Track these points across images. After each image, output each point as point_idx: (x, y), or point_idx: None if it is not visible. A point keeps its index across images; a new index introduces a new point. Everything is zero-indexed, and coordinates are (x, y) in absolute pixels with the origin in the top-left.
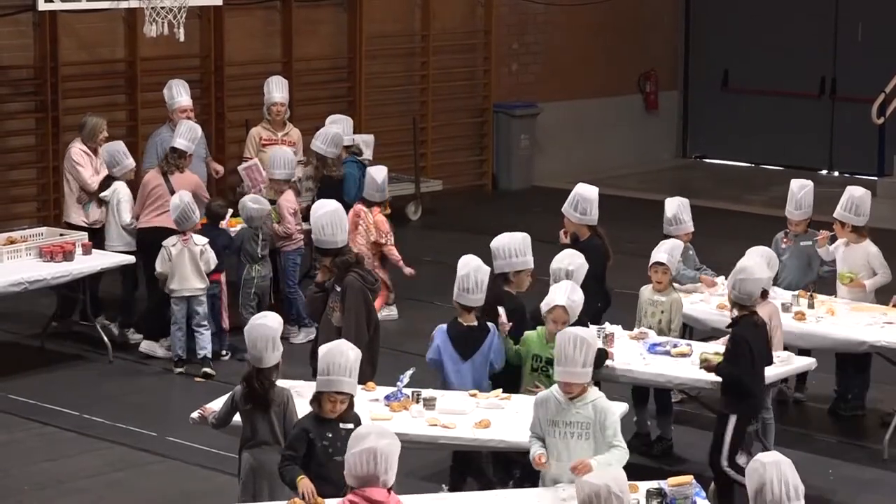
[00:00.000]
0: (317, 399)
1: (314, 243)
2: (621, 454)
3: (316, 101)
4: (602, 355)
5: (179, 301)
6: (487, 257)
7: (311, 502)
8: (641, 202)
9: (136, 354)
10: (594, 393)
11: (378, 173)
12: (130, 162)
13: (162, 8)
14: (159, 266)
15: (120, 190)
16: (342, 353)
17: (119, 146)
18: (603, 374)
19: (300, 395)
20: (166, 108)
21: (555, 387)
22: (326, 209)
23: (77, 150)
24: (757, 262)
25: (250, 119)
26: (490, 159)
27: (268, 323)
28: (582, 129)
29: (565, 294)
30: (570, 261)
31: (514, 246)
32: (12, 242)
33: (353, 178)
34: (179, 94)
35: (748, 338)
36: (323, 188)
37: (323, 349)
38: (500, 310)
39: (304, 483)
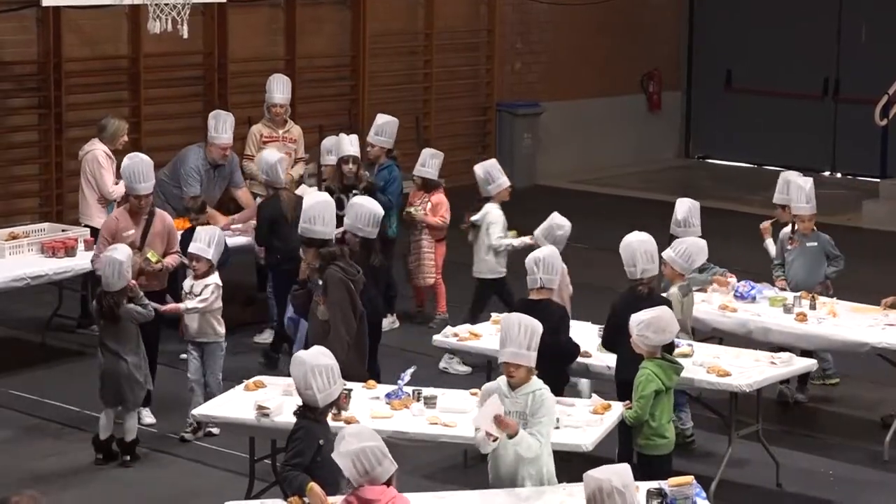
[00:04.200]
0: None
1: (301, 232)
2: (533, 442)
3: (318, 99)
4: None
5: None
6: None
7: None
8: (644, 202)
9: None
10: (537, 384)
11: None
12: (505, 180)
13: (166, 4)
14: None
15: (492, 212)
16: None
17: (494, 164)
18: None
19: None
20: (167, 104)
21: (502, 378)
22: (319, 200)
23: (101, 152)
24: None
25: (253, 116)
26: (493, 158)
27: (115, 255)
28: (585, 128)
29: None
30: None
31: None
32: (14, 238)
33: (396, 179)
34: (225, 129)
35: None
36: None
37: None
38: None
39: (316, 491)
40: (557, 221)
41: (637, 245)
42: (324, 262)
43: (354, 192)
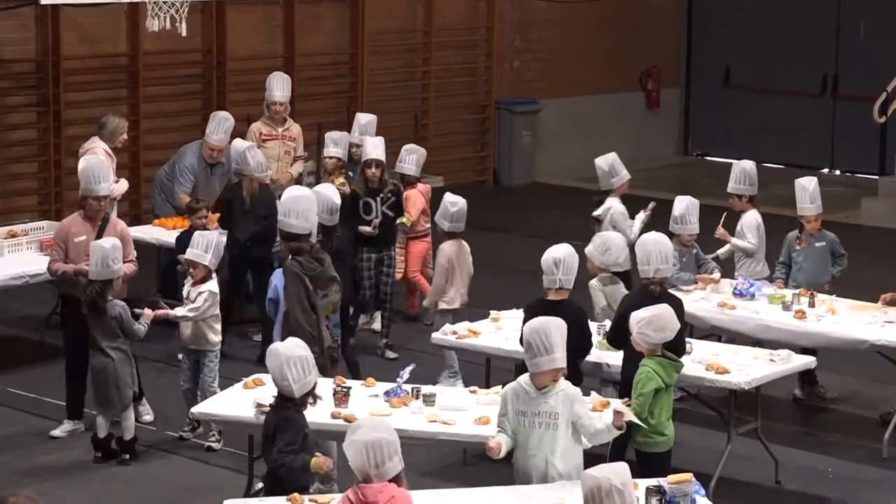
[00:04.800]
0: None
1: (279, 226)
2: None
3: (317, 97)
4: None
5: None
6: (487, 254)
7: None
8: (643, 199)
9: (136, 348)
10: (562, 383)
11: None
12: (626, 173)
13: (164, 2)
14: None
15: (615, 206)
16: None
17: (616, 158)
18: (598, 371)
19: None
20: (166, 102)
21: (524, 377)
22: (297, 194)
23: (101, 150)
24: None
25: (252, 114)
26: (491, 156)
27: (101, 243)
28: (583, 125)
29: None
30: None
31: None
32: (13, 236)
33: None
34: (218, 131)
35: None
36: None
37: None
38: None
39: (320, 461)
40: (450, 199)
41: (652, 245)
42: (290, 256)
43: (380, 196)
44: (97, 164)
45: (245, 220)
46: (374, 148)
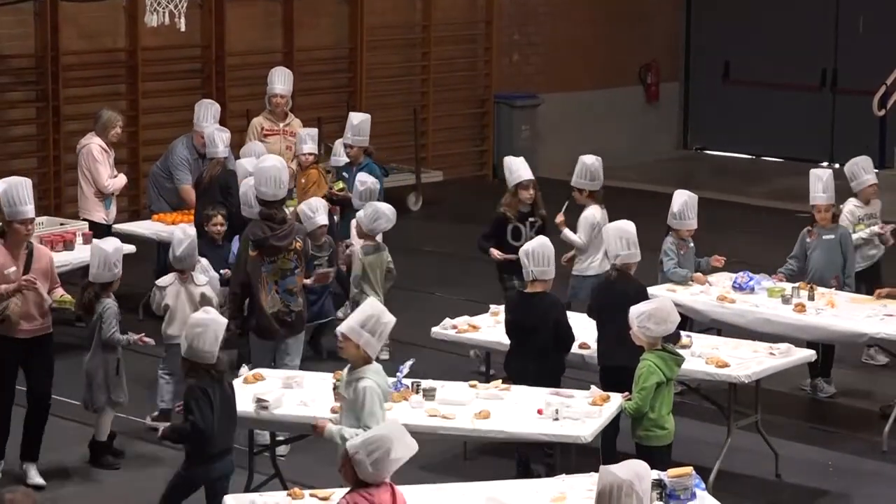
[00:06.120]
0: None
1: (257, 194)
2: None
3: (317, 92)
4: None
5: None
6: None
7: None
8: (642, 193)
9: (139, 346)
10: (366, 371)
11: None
12: (866, 178)
13: None
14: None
15: (847, 206)
16: None
17: (862, 161)
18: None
19: (299, 385)
20: (165, 98)
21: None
22: (268, 164)
23: (97, 146)
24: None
25: (251, 109)
26: (491, 150)
27: (103, 246)
28: (583, 120)
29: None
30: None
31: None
32: None
33: (378, 178)
34: (207, 118)
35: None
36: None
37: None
38: None
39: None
40: (360, 178)
41: (622, 233)
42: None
43: (531, 220)
44: (19, 184)
45: (201, 202)
46: (527, 168)
